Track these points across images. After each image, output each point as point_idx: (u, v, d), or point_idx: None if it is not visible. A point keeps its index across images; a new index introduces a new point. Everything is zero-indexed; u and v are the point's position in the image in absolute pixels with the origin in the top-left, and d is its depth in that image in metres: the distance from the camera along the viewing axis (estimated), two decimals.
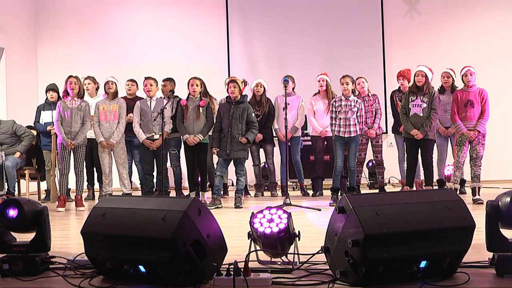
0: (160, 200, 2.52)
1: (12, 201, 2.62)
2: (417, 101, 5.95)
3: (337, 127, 5.88)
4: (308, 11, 9.07)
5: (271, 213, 2.65)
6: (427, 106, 5.89)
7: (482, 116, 5.65)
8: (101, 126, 6.33)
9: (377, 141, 6.80)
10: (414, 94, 5.97)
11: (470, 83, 5.71)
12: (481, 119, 5.65)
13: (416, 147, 6.00)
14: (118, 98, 6.46)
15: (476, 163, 5.64)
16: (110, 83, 6.46)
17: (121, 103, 6.41)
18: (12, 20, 8.81)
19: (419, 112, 5.91)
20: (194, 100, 6.16)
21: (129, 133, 6.51)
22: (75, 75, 6.02)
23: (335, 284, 2.28)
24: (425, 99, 5.90)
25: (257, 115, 6.77)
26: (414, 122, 5.92)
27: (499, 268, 2.37)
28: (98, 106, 6.40)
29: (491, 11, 8.89)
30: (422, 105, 5.91)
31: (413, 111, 5.95)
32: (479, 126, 5.64)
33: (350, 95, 5.91)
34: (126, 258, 2.35)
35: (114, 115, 6.34)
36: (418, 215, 2.30)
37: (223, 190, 6.72)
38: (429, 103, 5.89)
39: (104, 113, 6.35)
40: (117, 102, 6.39)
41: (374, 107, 6.70)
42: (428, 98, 5.90)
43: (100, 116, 6.35)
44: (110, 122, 6.33)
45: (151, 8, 9.34)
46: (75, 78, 5.99)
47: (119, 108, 6.36)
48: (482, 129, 5.64)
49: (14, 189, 6.64)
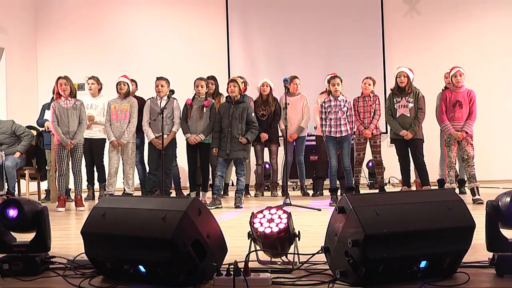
0: (160, 200, 2.52)
1: (12, 201, 2.62)
2: (403, 102, 6.04)
3: (328, 128, 5.91)
4: (308, 11, 9.07)
5: (271, 213, 2.65)
6: (414, 106, 5.96)
7: (470, 117, 5.71)
8: (112, 125, 6.34)
9: (375, 141, 6.81)
10: (397, 95, 6.07)
11: (459, 83, 5.76)
12: (469, 120, 5.70)
13: (406, 147, 6.07)
14: (129, 98, 6.47)
15: (469, 163, 5.67)
16: (122, 84, 6.45)
17: (133, 102, 6.42)
18: (12, 20, 8.81)
19: (406, 113, 6.00)
20: (199, 100, 6.18)
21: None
22: (64, 76, 5.99)
23: (335, 284, 2.28)
24: (411, 99, 6.00)
25: (263, 114, 6.80)
26: (402, 123, 6.02)
27: (499, 268, 2.37)
28: (109, 105, 6.41)
29: (491, 11, 8.89)
30: (408, 105, 6.01)
31: (400, 112, 6.05)
32: (467, 127, 5.68)
33: (339, 95, 5.93)
34: (126, 258, 2.35)
35: (125, 114, 6.35)
36: (418, 215, 2.30)
37: (224, 190, 6.73)
38: (415, 103, 5.96)
39: (115, 112, 6.36)
40: (129, 102, 6.40)
41: (373, 107, 6.70)
42: (413, 98, 5.99)
43: (112, 115, 6.36)
44: (121, 121, 6.34)
45: (151, 8, 9.34)
46: (65, 79, 5.95)
47: (131, 107, 6.37)
48: (470, 130, 5.70)
49: (14, 189, 6.64)
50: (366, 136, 6.65)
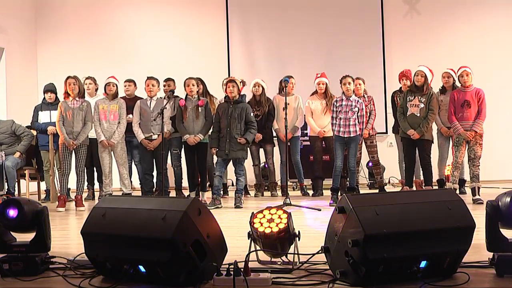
0: (160, 200, 2.52)
1: (12, 201, 2.62)
2: (415, 101, 5.99)
3: (337, 127, 5.89)
4: (308, 11, 9.06)
5: (271, 213, 2.65)
6: (425, 106, 5.93)
7: (479, 116, 5.69)
8: (101, 126, 6.33)
9: (371, 141, 6.80)
10: (412, 93, 6.01)
11: (467, 83, 5.75)
12: (478, 119, 5.68)
13: (413, 147, 6.04)
14: (118, 98, 6.46)
15: (474, 163, 5.66)
16: (111, 85, 6.46)
17: (121, 103, 6.41)
18: (12, 20, 8.81)
19: (416, 112, 5.96)
20: (193, 100, 6.16)
21: (129, 133, 6.51)
22: (73, 76, 6.01)
23: (335, 284, 2.28)
24: (423, 99, 5.94)
25: (257, 115, 6.78)
26: (411, 122, 5.97)
27: (499, 268, 2.37)
28: (97, 105, 6.40)
29: (491, 11, 8.89)
30: (419, 105, 5.95)
31: (410, 111, 6.00)
32: (476, 126, 5.66)
33: (351, 95, 5.90)
34: (126, 258, 2.35)
35: (114, 115, 6.34)
36: (418, 215, 2.30)
37: (223, 190, 6.73)
38: (427, 104, 5.93)
39: (103, 113, 6.35)
40: (117, 102, 6.39)
41: (368, 108, 6.70)
42: (426, 99, 5.94)
43: (100, 115, 6.34)
44: (110, 122, 6.33)
45: (151, 8, 9.34)
46: (74, 78, 5.97)
47: (119, 108, 6.36)
48: (479, 129, 5.67)
49: (14, 189, 6.64)
50: (363, 136, 6.62)
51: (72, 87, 5.92)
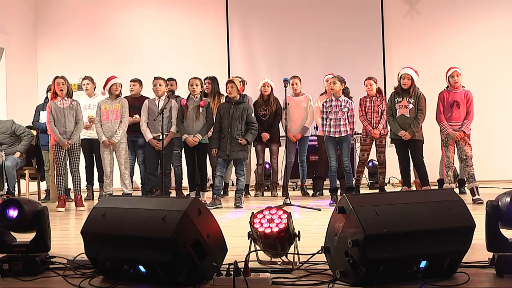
0: (160, 200, 2.52)
1: (12, 201, 2.62)
2: (403, 102, 6.05)
3: (327, 128, 5.91)
4: (308, 11, 9.06)
5: (271, 213, 2.65)
6: (414, 107, 5.98)
7: (467, 117, 5.74)
8: (102, 126, 6.33)
9: (381, 141, 6.80)
10: (399, 95, 6.08)
11: (456, 84, 5.77)
12: (466, 120, 5.74)
13: (406, 148, 6.09)
14: (120, 98, 6.45)
15: (467, 163, 5.69)
16: (117, 85, 6.43)
17: (123, 102, 6.40)
18: (12, 20, 8.80)
19: (406, 113, 6.03)
20: (194, 100, 6.16)
21: (134, 133, 6.49)
22: (61, 75, 5.99)
23: (335, 284, 2.28)
24: (411, 100, 6.01)
25: (264, 114, 6.83)
26: (401, 123, 6.04)
27: (499, 268, 2.37)
28: (99, 106, 6.39)
29: (491, 11, 8.88)
30: (408, 106, 6.02)
31: (400, 112, 6.07)
32: (464, 127, 5.70)
33: (340, 95, 5.92)
34: (126, 258, 2.35)
35: (116, 114, 6.33)
36: (418, 215, 2.30)
37: (223, 190, 6.73)
38: (416, 104, 5.98)
39: (106, 113, 6.34)
40: (119, 102, 6.38)
41: (380, 107, 6.66)
42: (414, 99, 5.99)
43: (102, 115, 6.34)
44: (112, 121, 6.32)
45: (151, 8, 9.33)
46: (62, 78, 5.96)
47: (121, 107, 6.35)
48: (467, 130, 5.72)
49: (14, 189, 6.64)
50: (374, 136, 6.59)
51: (60, 87, 5.90)
